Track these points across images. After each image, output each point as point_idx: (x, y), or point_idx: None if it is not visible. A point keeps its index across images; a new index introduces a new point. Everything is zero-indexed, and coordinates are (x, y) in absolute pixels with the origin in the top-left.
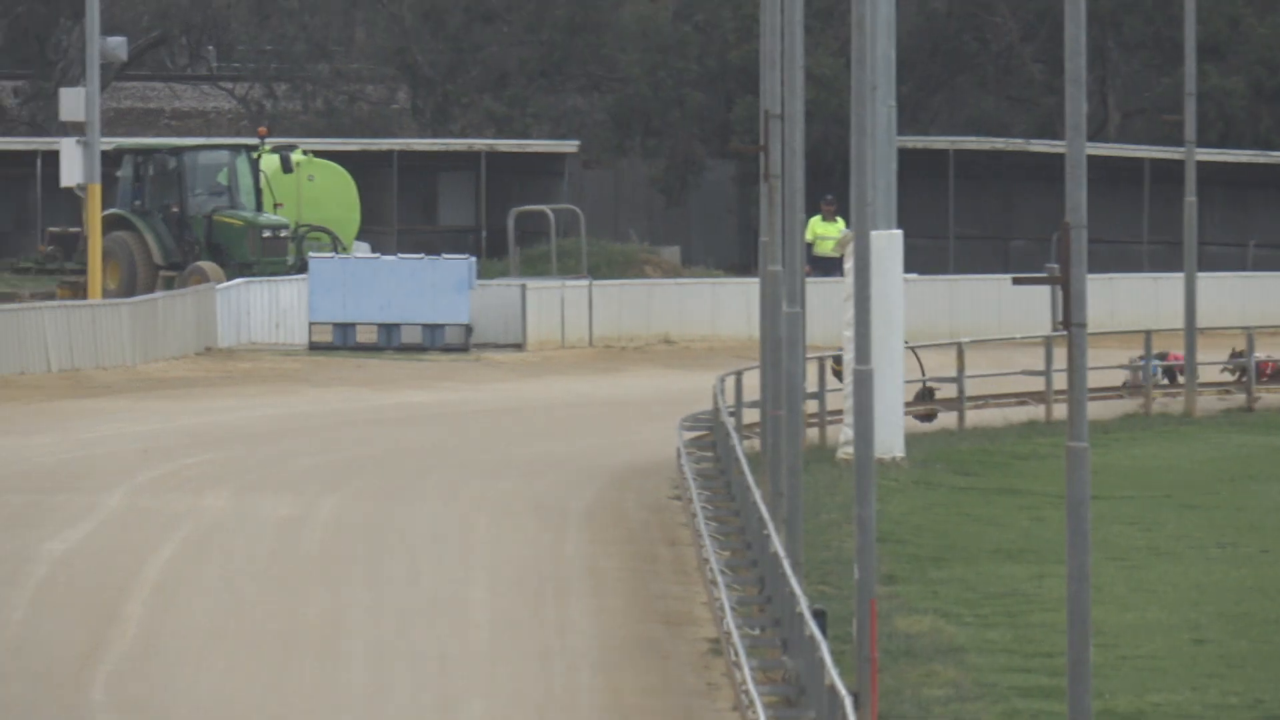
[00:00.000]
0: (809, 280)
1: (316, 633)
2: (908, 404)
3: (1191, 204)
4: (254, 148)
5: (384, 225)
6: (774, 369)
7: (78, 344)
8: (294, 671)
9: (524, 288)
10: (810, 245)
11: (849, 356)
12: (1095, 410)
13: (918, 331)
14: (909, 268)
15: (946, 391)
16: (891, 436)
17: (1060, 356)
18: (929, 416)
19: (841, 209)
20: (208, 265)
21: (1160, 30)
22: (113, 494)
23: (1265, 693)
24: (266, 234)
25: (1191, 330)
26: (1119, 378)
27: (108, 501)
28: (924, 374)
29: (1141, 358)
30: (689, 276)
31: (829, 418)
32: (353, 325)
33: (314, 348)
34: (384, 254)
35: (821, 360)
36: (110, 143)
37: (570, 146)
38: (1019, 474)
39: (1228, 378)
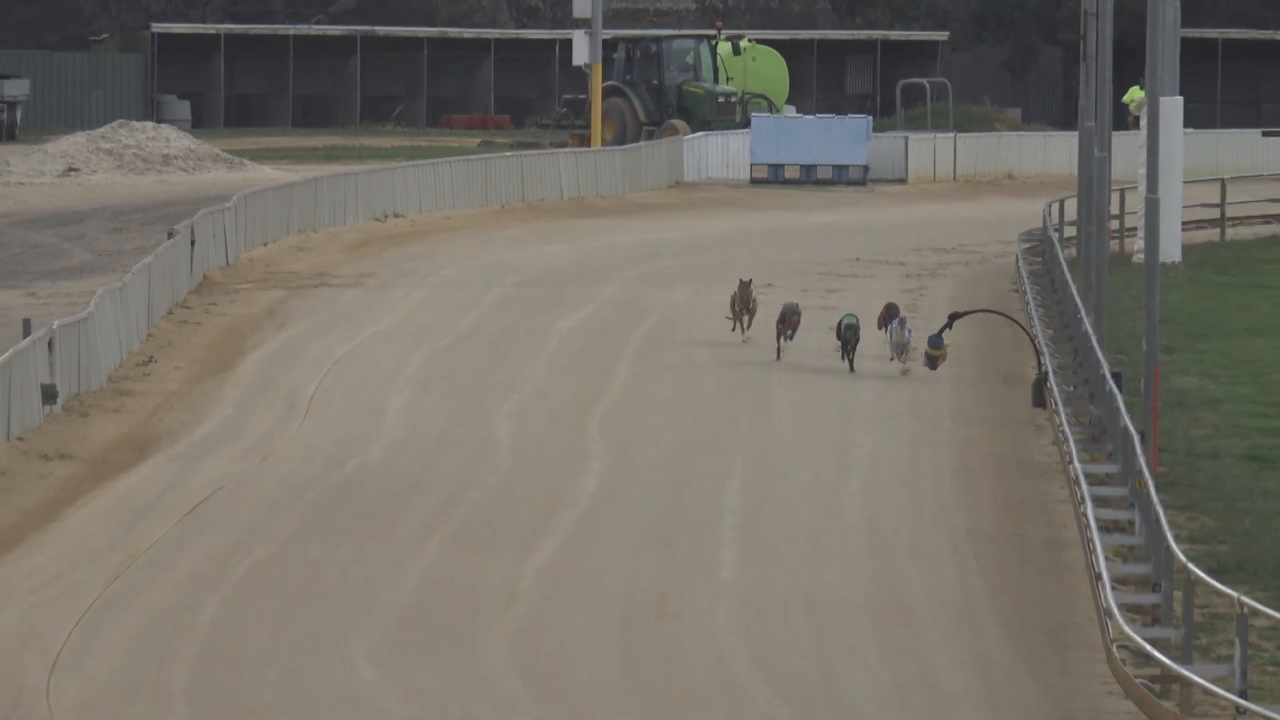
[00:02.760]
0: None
1: (752, 390)
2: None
3: None
4: (713, 37)
5: (806, 93)
6: (1087, 197)
7: (583, 179)
8: (737, 417)
9: (906, 139)
10: (1127, 106)
11: (1141, 188)
12: None
13: (1191, 170)
14: (1186, 124)
15: (1211, 214)
16: (1171, 246)
17: None
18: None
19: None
20: (678, 122)
21: None
22: (607, 287)
23: None
24: (721, 99)
25: None
26: None
27: (603, 292)
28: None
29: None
30: (1027, 130)
31: (1127, 233)
32: (782, 166)
33: (754, 182)
34: (805, 114)
35: (1123, 190)
36: (609, 33)
37: (942, 35)
38: (1264, 273)
39: None
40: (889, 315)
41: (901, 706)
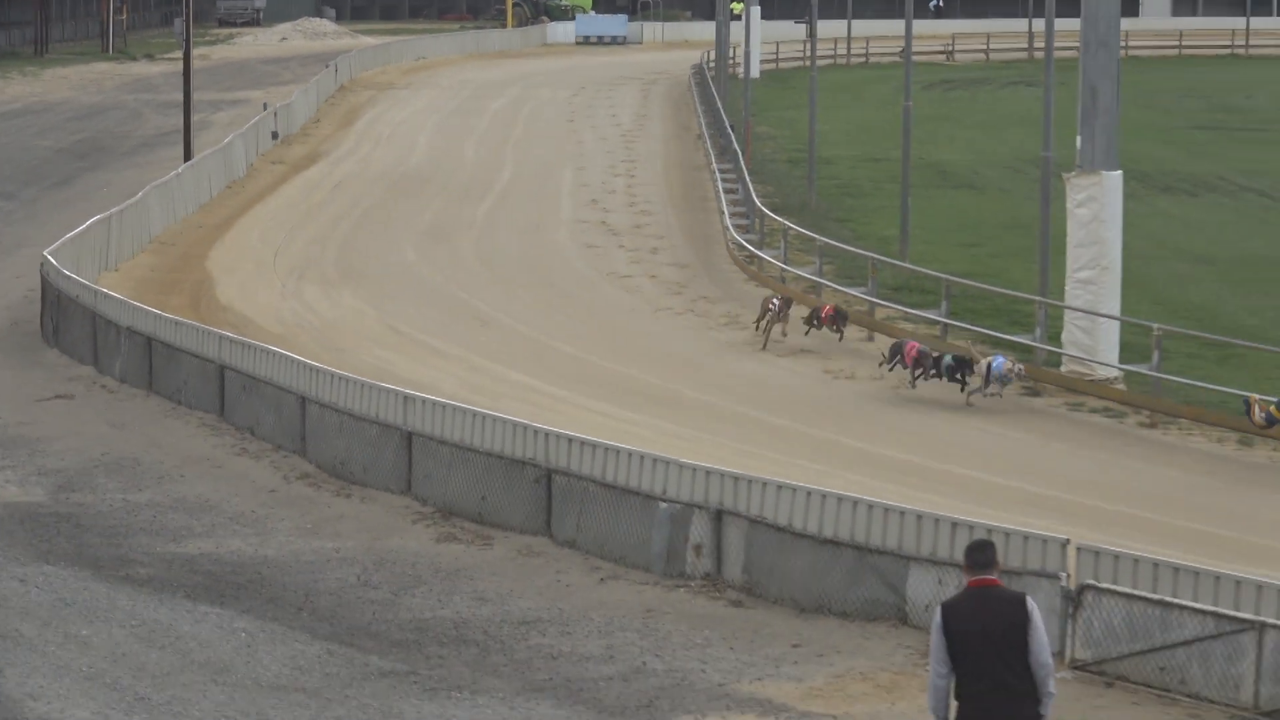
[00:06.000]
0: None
1: (582, 124)
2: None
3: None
4: None
5: (602, 8)
6: (719, 49)
7: (504, 41)
8: (570, 139)
9: (642, 24)
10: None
11: (743, 45)
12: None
13: (765, 38)
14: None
15: (772, 56)
16: (755, 70)
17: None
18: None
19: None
20: (545, 18)
21: None
22: (513, 89)
23: (879, 149)
24: (563, 7)
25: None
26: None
27: (511, 91)
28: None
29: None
30: (687, 21)
31: (738, 66)
32: (589, 36)
33: (577, 43)
34: (598, 13)
35: (735, 45)
36: None
37: None
38: (795, 84)
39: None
40: (834, 315)
41: (646, 273)
